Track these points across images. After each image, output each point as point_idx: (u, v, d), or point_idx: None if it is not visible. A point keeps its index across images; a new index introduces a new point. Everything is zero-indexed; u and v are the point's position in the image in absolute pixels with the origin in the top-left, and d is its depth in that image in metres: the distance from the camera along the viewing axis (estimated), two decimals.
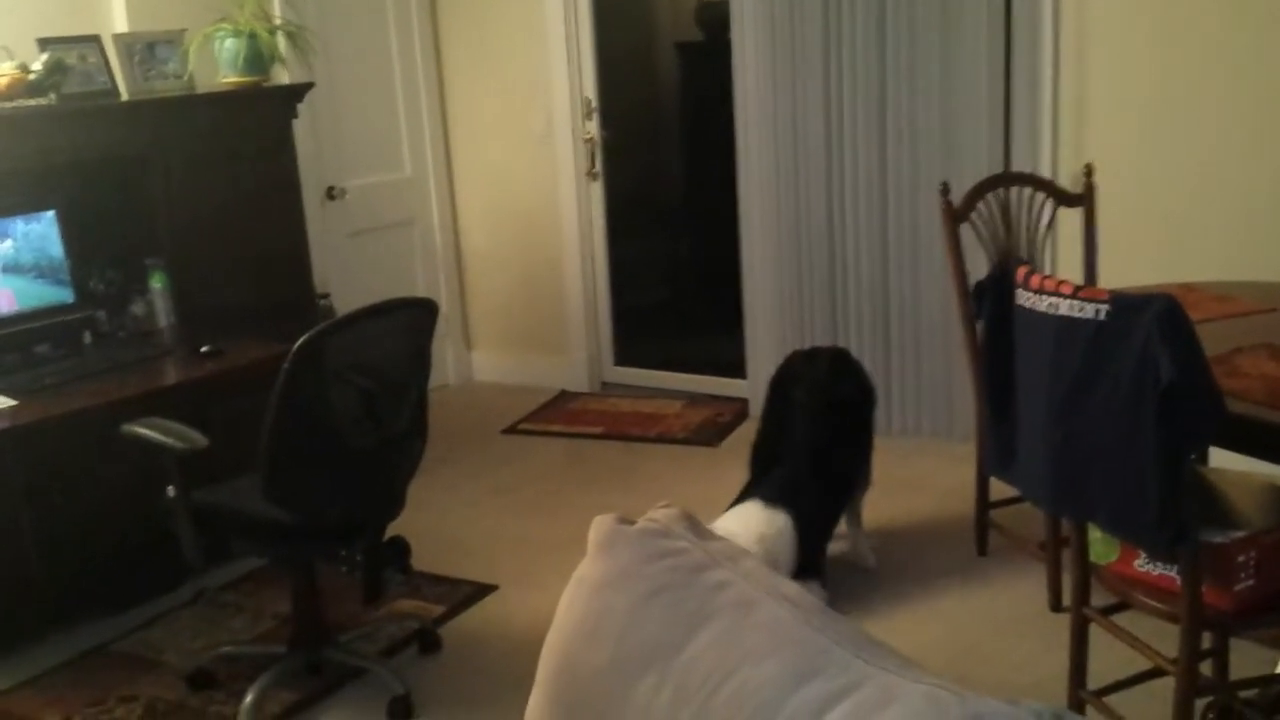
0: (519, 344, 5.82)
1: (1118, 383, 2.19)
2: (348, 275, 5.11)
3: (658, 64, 5.97)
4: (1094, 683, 2.67)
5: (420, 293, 5.22)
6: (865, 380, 3.76)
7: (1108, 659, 2.78)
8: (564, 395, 5.62)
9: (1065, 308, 2.28)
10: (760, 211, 4.88)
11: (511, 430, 5.21)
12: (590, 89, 5.39)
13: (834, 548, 3.59)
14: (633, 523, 1.41)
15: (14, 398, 3.34)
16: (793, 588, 1.29)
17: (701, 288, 6.04)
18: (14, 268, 3.71)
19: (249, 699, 2.99)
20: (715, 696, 1.16)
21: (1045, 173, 4.15)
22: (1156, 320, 2.11)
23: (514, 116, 5.52)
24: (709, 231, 5.61)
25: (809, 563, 3.35)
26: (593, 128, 5.42)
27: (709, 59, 5.20)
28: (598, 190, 5.50)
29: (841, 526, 3.65)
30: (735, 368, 5.25)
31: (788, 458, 3.52)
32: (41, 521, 3.40)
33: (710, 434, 4.98)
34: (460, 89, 5.64)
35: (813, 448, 3.51)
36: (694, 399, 5.43)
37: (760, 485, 3.47)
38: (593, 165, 5.45)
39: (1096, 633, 2.63)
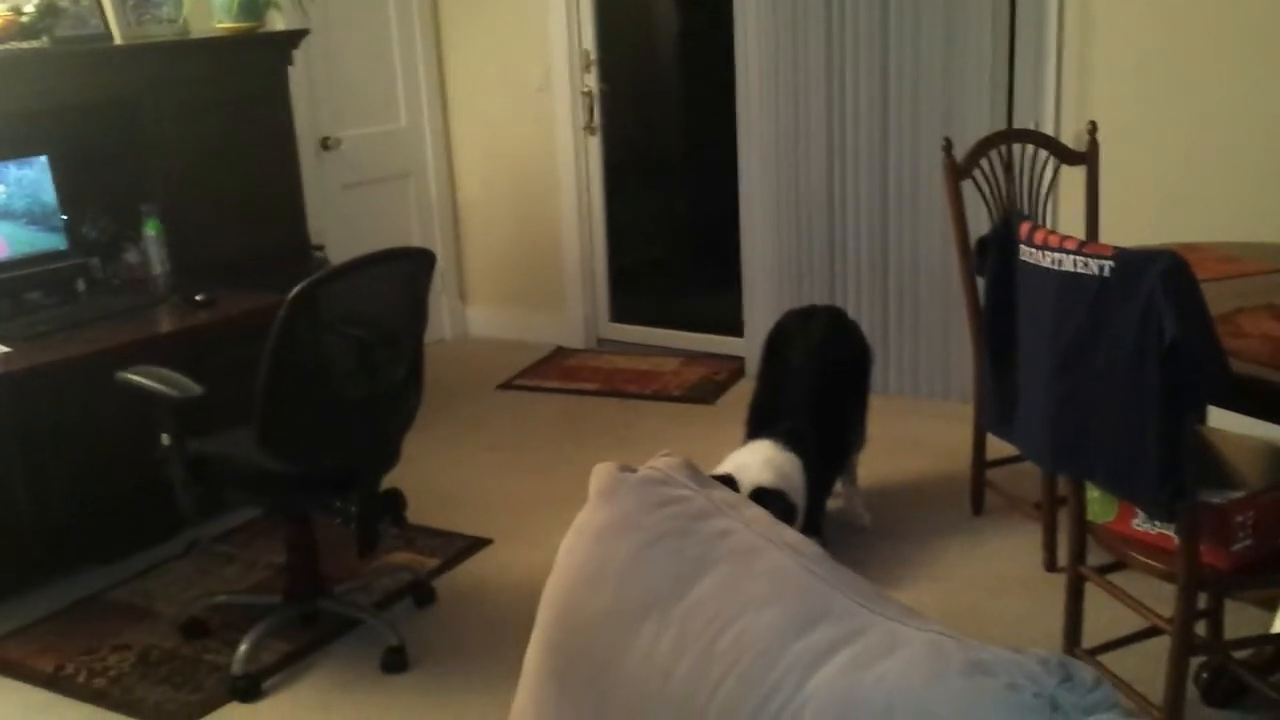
0: (515, 300, 5.79)
1: (1120, 340, 2.18)
2: (342, 227, 5.06)
3: (658, 16, 5.89)
4: (1089, 641, 2.68)
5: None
6: (861, 340, 3.74)
7: (1103, 618, 2.79)
8: (560, 351, 5.60)
9: (1069, 263, 2.26)
10: (760, 167, 4.84)
11: (507, 386, 5.19)
12: (589, 41, 5.33)
13: (829, 506, 3.59)
14: (634, 471, 1.40)
15: (6, 345, 3.32)
16: (795, 536, 1.27)
17: (699, 244, 5.99)
18: (6, 214, 3.67)
19: (243, 648, 2.99)
20: (717, 643, 1.15)
21: (1048, 130, 4.11)
22: (1161, 277, 2.09)
23: (512, 68, 5.46)
24: (708, 187, 5.57)
25: (808, 521, 3.34)
26: (591, 80, 5.37)
27: (710, 12, 5.13)
28: (595, 144, 5.45)
29: (837, 485, 3.64)
30: (732, 326, 5.22)
31: (786, 419, 3.49)
32: (34, 470, 3.38)
33: (706, 391, 4.97)
34: (457, 39, 5.57)
35: (810, 410, 3.48)
36: (690, 356, 5.41)
37: (767, 431, 3.43)
38: (591, 119, 5.40)
39: (1092, 592, 2.63)
